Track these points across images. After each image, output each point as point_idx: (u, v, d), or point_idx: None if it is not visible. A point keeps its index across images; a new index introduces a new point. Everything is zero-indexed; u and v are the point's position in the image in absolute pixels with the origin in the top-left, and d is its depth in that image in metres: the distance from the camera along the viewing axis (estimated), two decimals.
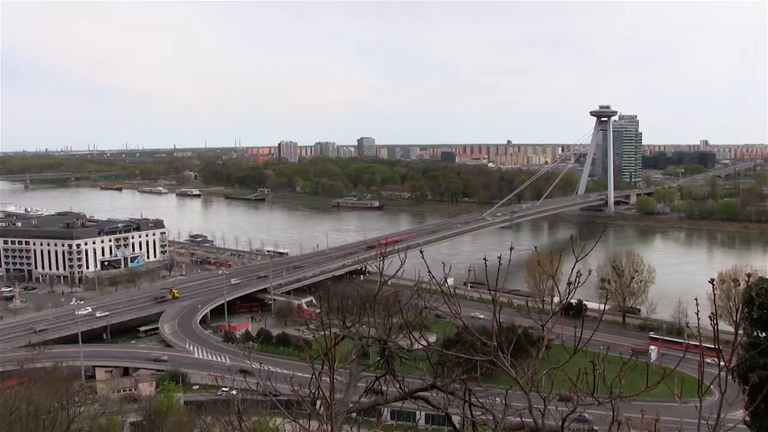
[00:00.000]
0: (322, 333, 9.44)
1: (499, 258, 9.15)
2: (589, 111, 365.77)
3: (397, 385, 9.57)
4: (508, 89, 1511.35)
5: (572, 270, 8.54)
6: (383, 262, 10.88)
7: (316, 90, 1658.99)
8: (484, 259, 9.22)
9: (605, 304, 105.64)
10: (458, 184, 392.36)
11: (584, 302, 51.27)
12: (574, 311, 55.99)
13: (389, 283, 10.81)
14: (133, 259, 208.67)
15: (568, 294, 8.64)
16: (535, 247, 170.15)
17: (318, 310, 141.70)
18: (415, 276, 10.87)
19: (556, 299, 12.17)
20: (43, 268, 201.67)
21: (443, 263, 12.38)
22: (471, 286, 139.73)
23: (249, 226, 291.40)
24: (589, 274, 9.21)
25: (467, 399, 9.08)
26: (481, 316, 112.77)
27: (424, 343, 9.76)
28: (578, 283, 8.64)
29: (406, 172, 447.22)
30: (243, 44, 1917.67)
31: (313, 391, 8.91)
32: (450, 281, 9.86)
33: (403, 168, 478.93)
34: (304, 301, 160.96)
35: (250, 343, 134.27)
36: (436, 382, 9.31)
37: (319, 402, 8.92)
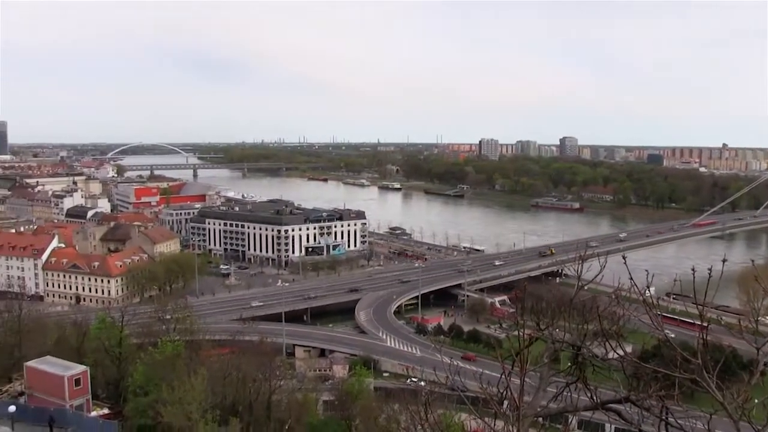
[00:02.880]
0: (515, 333, 9.30)
1: (710, 270, 8.53)
2: None
3: (589, 394, 9.21)
4: (721, 88, 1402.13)
5: None
6: (582, 266, 10.51)
7: (518, 88, 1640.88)
8: (692, 269, 8.62)
9: None
10: (665, 189, 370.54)
11: None
12: None
13: (586, 287, 10.43)
14: (334, 247, 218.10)
15: None
16: (752, 261, 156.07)
17: (512, 310, 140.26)
18: (615, 282, 10.38)
19: None
20: (254, 249, 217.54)
21: (646, 271, 11.73)
22: (674, 298, 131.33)
23: (446, 222, 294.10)
24: None
25: (664, 417, 8.52)
26: (672, 334, 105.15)
27: (620, 352, 9.30)
28: None
29: (608, 174, 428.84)
30: (447, 44, 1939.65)
31: (502, 391, 8.82)
32: (652, 290, 9.34)
33: (606, 169, 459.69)
34: (497, 299, 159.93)
35: (441, 337, 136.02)
36: (630, 395, 8.83)
37: (506, 402, 8.82)
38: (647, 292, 9.02)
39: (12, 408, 45.57)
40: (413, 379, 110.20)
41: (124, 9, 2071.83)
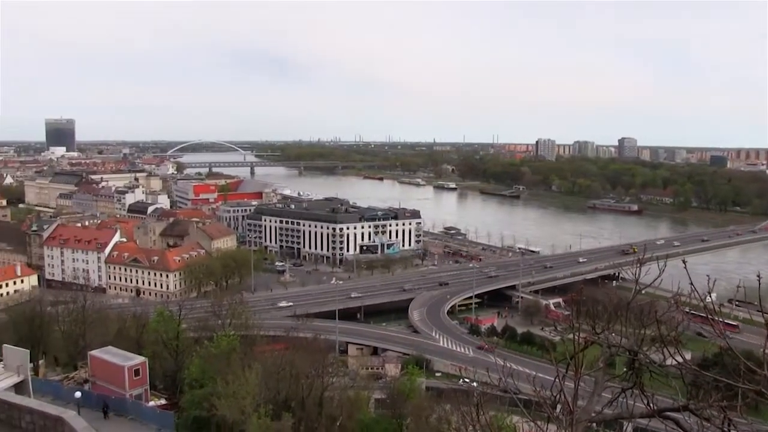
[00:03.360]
0: (570, 336, 9.13)
1: None
2: None
3: (645, 401, 8.98)
4: None
5: None
6: (639, 269, 10.25)
7: (576, 88, 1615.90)
8: (758, 276, 8.33)
9: None
10: (728, 191, 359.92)
11: None
12: None
13: (644, 291, 10.17)
14: (389, 246, 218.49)
15: None
16: None
17: (566, 312, 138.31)
18: (674, 287, 10.09)
19: None
20: (309, 247, 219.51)
21: (707, 276, 11.38)
22: (737, 305, 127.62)
23: (501, 222, 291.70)
24: None
25: (725, 429, 8.24)
26: (734, 343, 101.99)
27: (679, 359, 9.03)
28: None
29: (669, 176, 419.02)
30: (505, 43, 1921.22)
31: (555, 395, 8.68)
32: (713, 296, 9.06)
33: (666, 171, 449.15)
34: (552, 301, 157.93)
35: (495, 338, 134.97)
36: (689, 404, 8.56)
37: (559, 406, 8.67)
38: (708, 298, 8.75)
39: (78, 394, 47.24)
40: (465, 380, 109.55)
41: (182, 8, 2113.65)
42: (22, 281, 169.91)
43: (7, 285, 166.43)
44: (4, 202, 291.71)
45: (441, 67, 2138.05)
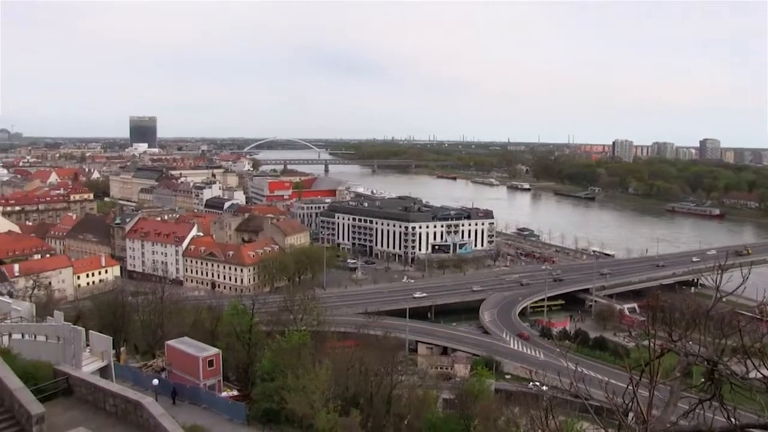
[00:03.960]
0: (645, 343, 8.86)
1: None
2: None
3: (725, 414, 8.62)
4: None
5: None
6: (721, 276, 9.85)
7: (656, 88, 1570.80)
8: None
9: None
10: None
11: None
12: None
13: (725, 299, 9.78)
14: (461, 246, 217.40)
15: None
16: None
17: (642, 318, 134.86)
18: (758, 296, 9.66)
19: None
20: (381, 245, 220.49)
21: None
22: None
23: (575, 224, 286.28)
24: None
25: None
26: None
27: (764, 372, 8.62)
28: None
29: (755, 179, 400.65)
30: (582, 42, 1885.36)
31: (628, 402, 8.45)
32: None
33: (751, 174, 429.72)
34: (626, 306, 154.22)
35: (567, 342, 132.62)
36: None
37: (632, 414, 8.43)
38: None
39: (155, 381, 49.03)
40: (535, 383, 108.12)
41: (260, 8, 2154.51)
42: (106, 271, 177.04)
43: (92, 275, 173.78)
44: (91, 196, 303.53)
45: (517, 67, 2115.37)
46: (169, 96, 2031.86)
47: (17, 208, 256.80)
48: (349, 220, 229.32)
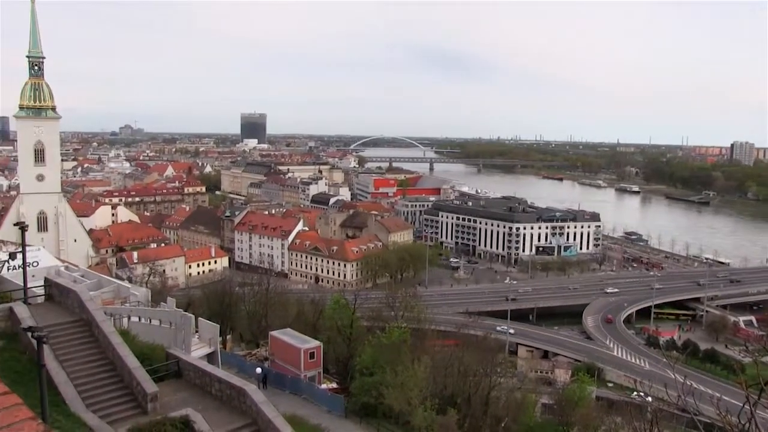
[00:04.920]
0: (765, 359, 8.39)
1: None
2: None
3: None
4: None
5: None
6: None
7: None
8: None
9: None
10: None
11: None
12: None
13: None
14: (566, 248, 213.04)
15: None
16: None
17: (760, 332, 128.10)
18: None
19: None
20: (485, 245, 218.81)
21: None
22: None
23: (687, 230, 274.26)
24: None
25: None
26: None
27: None
28: None
29: None
30: (697, 40, 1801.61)
31: (744, 423, 8.00)
32: None
33: None
34: (742, 318, 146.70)
35: (674, 352, 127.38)
36: None
37: None
38: None
39: (258, 369, 50.68)
40: (640, 393, 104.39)
41: (369, 8, 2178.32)
42: (215, 262, 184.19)
43: (203, 264, 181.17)
44: (204, 189, 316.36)
45: (628, 67, 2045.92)
46: (279, 93, 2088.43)
47: (137, 199, 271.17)
48: (452, 219, 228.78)
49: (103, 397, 22.33)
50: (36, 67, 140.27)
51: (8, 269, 36.00)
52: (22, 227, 30.53)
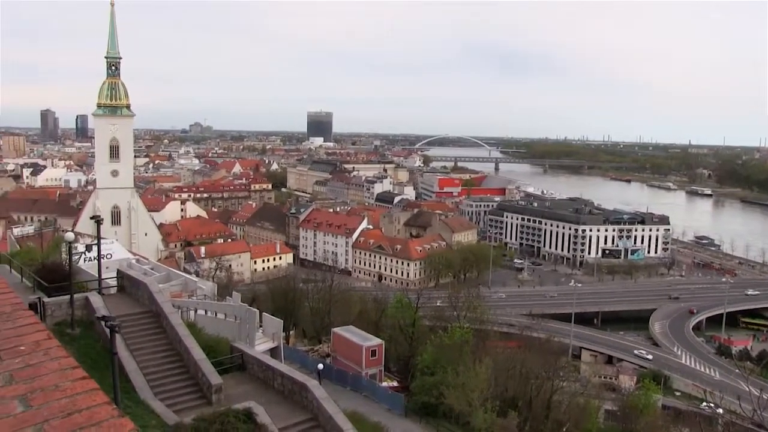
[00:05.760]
0: None
1: None
2: None
3: None
4: None
5: None
6: None
7: None
8: None
9: None
10: None
11: None
12: None
13: None
14: (633, 252, 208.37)
15: None
16: None
17: None
18: None
19: None
20: (549, 247, 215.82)
21: None
22: None
23: (763, 235, 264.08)
24: None
25: None
26: None
27: None
28: None
29: None
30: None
31: None
32: None
33: None
34: None
35: (749, 363, 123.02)
36: None
37: None
38: None
39: (320, 366, 51.38)
40: (709, 404, 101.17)
41: (433, 8, 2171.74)
42: (280, 258, 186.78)
43: (268, 260, 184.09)
44: (270, 186, 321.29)
45: (700, 66, 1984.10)
46: (345, 92, 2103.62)
47: (205, 195, 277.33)
48: (517, 219, 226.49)
49: (169, 387, 23.07)
50: (113, 68, 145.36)
51: (84, 260, 37.53)
52: (97, 221, 31.75)
